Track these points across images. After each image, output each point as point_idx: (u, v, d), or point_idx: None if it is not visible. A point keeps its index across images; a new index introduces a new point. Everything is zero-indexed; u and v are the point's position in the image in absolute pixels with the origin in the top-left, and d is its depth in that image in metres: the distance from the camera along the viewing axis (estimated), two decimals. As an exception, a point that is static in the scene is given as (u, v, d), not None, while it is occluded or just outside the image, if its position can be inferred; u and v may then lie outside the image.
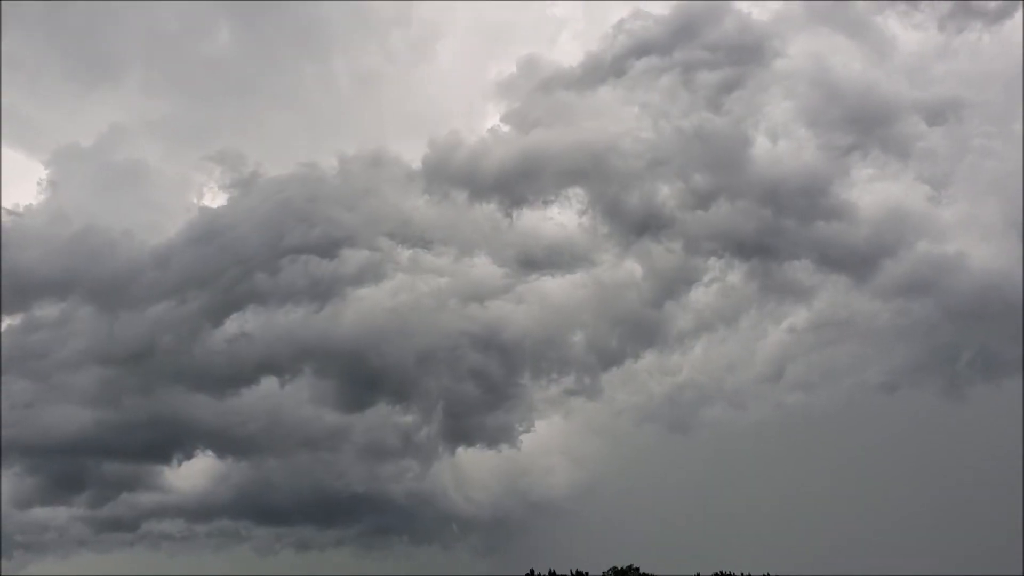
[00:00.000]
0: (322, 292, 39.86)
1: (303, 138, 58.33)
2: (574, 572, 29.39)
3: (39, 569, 36.65)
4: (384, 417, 38.21)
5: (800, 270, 43.21)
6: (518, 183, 46.02)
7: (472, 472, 39.50)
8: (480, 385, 39.69)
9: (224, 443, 37.17)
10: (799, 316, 43.72)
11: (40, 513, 36.47)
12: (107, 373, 37.01)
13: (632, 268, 43.60)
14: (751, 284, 43.87)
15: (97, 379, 36.86)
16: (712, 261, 43.92)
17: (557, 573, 28.51)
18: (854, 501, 39.98)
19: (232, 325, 38.29)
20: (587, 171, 45.70)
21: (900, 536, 38.19)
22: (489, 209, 45.47)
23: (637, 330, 42.01)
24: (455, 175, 47.10)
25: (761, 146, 45.10)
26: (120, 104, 57.81)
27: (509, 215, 44.58)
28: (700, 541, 38.69)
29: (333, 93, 58.60)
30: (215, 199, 46.85)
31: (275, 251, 41.06)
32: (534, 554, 38.31)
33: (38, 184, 46.47)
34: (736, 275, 43.90)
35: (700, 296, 43.95)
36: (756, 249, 43.71)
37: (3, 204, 44.14)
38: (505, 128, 49.15)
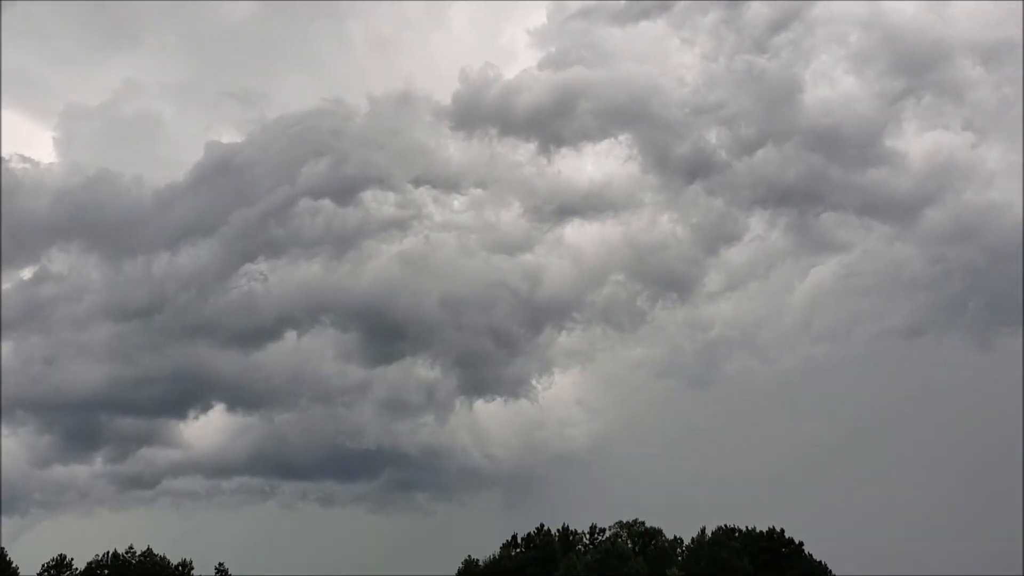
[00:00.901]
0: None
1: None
2: (590, 528, 28.68)
3: (54, 526, 34.63)
4: (404, 372, 36.88)
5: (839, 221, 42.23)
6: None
7: (490, 426, 38.45)
8: (500, 339, 38.38)
9: (240, 397, 35.69)
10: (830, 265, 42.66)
11: (59, 472, 34.67)
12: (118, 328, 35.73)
13: (671, 220, 41.68)
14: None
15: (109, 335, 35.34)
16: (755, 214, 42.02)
17: (569, 527, 27.81)
18: (868, 454, 39.26)
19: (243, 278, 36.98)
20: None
21: (913, 488, 37.52)
22: (527, 149, 42.66)
23: (670, 284, 40.64)
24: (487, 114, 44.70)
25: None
26: (136, 65, 55.99)
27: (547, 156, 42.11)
28: (710, 495, 37.78)
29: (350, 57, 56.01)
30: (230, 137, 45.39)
31: (291, 195, 40.53)
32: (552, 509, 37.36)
33: (52, 140, 44.96)
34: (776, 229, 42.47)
35: (736, 254, 42.85)
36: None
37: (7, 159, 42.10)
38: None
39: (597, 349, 41.22)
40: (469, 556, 28.46)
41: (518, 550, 28.10)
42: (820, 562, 27.09)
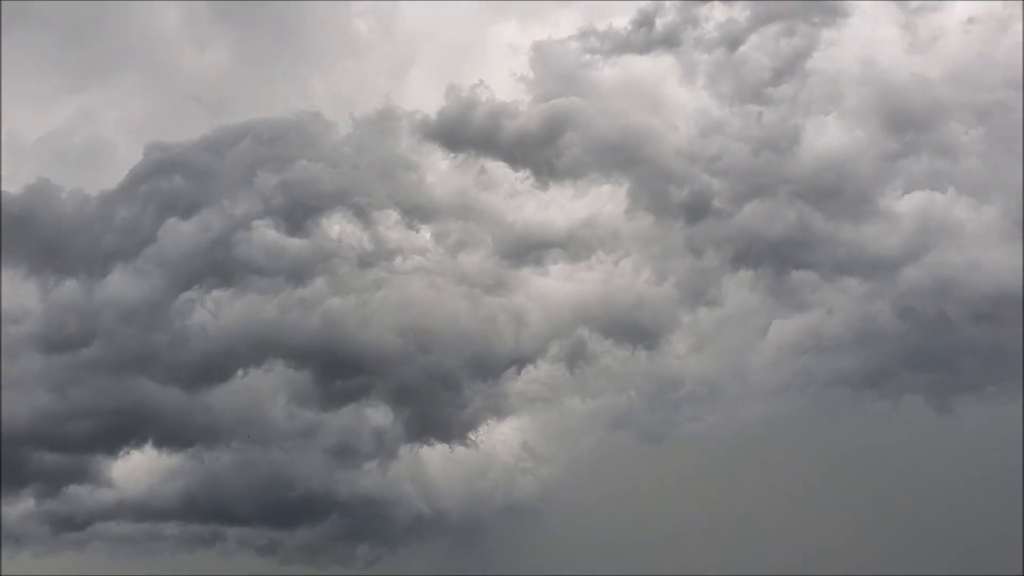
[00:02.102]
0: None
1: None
2: None
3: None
4: (352, 415, 37.27)
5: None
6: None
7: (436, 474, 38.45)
8: (451, 383, 38.76)
9: (171, 436, 36.01)
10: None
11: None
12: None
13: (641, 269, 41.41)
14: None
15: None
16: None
17: None
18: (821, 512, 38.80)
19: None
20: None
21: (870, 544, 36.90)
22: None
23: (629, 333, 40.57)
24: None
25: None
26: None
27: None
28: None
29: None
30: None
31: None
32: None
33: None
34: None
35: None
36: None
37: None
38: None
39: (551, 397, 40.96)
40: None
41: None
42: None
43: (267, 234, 38.20)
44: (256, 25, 49.62)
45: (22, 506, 34.55)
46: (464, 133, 40.57)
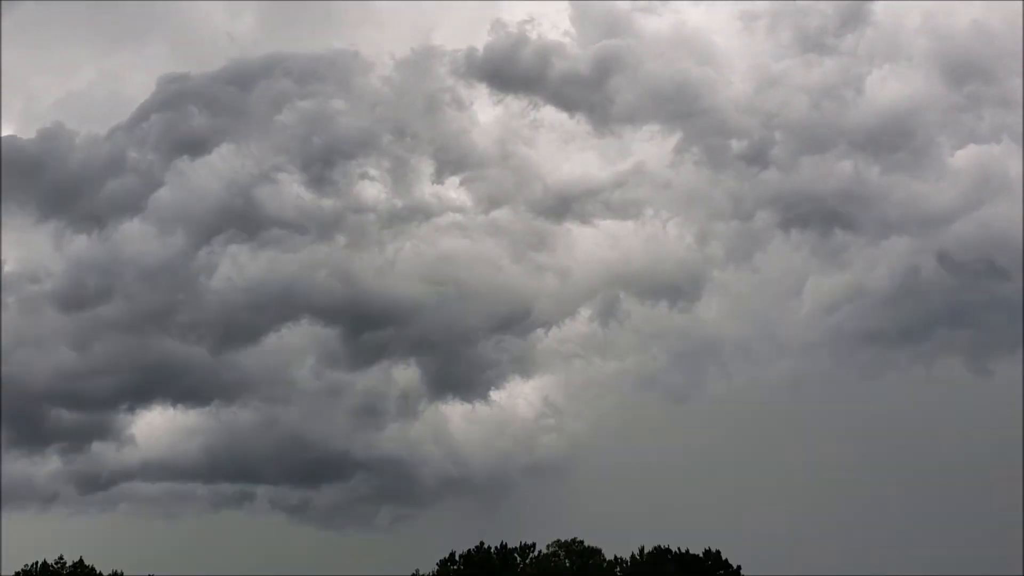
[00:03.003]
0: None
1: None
2: (522, 544, 28.93)
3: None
4: (373, 376, 36.47)
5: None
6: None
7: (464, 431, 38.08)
8: (478, 341, 37.90)
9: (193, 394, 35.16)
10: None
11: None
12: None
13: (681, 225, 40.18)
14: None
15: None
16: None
17: (507, 545, 28.18)
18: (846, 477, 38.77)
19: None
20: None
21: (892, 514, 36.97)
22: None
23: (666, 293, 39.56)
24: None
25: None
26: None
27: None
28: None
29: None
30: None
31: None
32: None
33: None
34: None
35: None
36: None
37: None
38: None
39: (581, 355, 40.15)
40: (417, 571, 28.76)
41: (455, 567, 28.38)
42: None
43: (291, 188, 36.67)
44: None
45: (50, 466, 33.76)
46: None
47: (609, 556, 27.78)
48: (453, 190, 38.69)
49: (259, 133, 38.73)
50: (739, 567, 26.79)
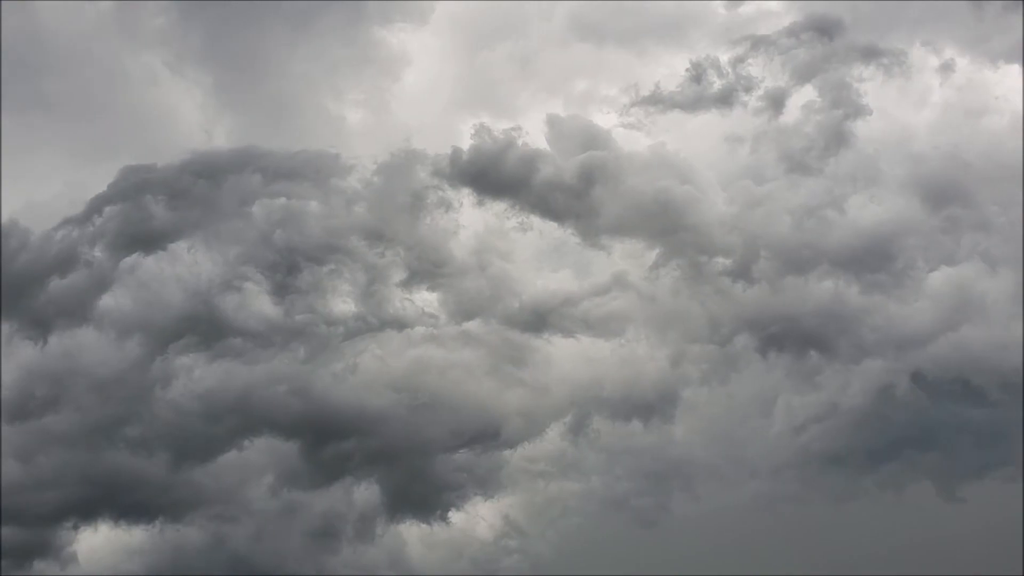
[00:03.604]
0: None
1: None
2: None
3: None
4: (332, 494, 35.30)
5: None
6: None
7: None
8: (438, 459, 36.91)
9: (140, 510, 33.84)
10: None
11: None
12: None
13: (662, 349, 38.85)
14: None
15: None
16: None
17: None
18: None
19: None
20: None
21: None
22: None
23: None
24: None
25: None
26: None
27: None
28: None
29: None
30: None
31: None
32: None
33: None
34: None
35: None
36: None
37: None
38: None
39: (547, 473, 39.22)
40: None
41: None
42: None
43: (256, 295, 35.61)
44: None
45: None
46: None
47: None
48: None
49: (224, 231, 37.73)
50: None
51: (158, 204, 37.69)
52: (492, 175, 38.18)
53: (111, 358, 34.18)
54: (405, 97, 44.73)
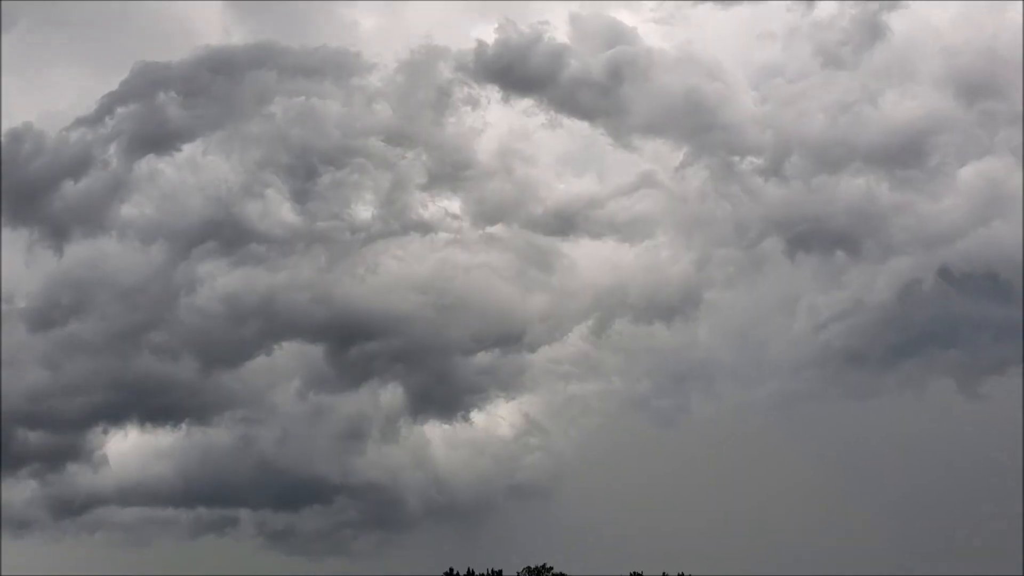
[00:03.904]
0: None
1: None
2: (490, 571, 28.71)
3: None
4: (358, 396, 35.52)
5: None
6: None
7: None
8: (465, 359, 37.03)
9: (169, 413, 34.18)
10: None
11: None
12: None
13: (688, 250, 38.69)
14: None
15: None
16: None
17: (475, 572, 27.97)
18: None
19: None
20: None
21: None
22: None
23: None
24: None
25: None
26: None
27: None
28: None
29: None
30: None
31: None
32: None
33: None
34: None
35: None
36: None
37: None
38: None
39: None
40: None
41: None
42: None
43: (277, 201, 35.14)
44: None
45: (23, 490, 32.84)
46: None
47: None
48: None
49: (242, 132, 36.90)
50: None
51: (173, 103, 36.50)
52: (518, 70, 37.02)
53: (134, 265, 33.91)
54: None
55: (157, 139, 36.31)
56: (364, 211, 36.51)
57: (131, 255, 34.04)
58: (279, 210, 35.66)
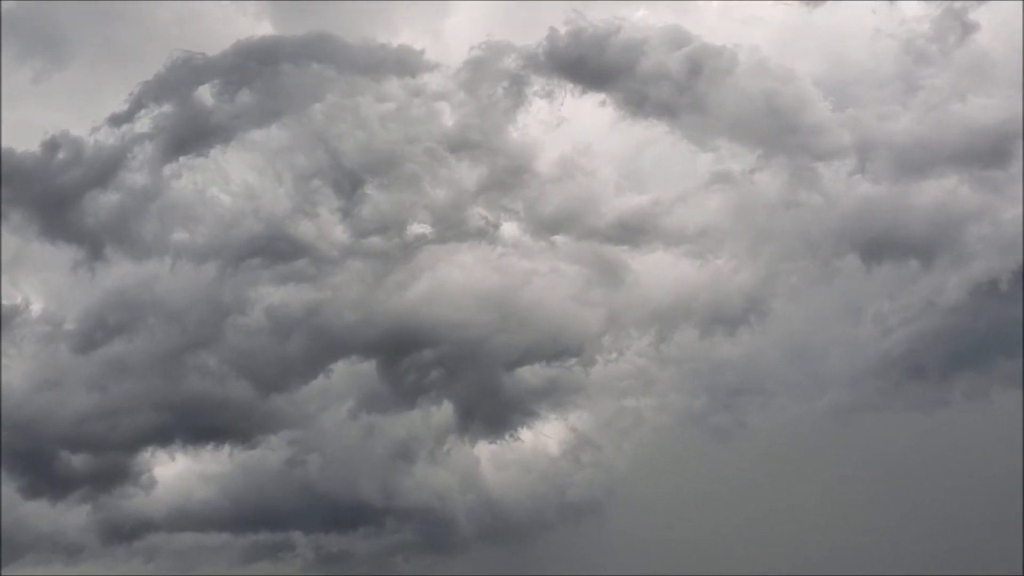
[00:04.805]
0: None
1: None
2: None
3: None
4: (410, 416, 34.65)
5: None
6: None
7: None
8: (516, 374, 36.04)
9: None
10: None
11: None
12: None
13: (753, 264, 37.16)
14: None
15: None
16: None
17: None
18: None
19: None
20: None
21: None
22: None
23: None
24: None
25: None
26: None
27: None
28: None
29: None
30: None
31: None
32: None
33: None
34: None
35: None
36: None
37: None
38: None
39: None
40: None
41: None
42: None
43: (328, 211, 33.57)
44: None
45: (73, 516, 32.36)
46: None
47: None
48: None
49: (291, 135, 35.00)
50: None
51: (211, 100, 34.46)
52: (591, 64, 34.76)
53: (180, 284, 32.70)
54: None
55: (194, 140, 34.35)
56: (419, 219, 34.88)
57: (177, 273, 32.79)
58: (328, 221, 34.08)
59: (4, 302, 32.72)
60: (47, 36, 38.46)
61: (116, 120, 34.46)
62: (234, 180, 34.23)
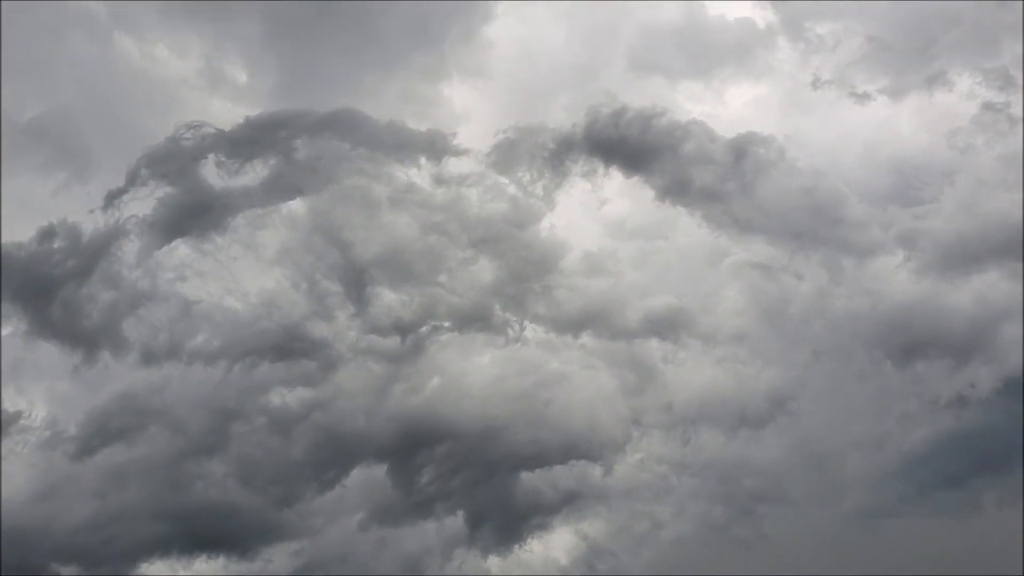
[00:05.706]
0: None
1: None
2: None
3: None
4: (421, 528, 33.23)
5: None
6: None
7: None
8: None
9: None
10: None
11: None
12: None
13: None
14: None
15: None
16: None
17: None
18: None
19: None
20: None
21: None
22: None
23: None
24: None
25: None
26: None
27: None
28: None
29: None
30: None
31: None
32: None
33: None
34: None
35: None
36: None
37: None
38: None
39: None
40: None
41: None
42: None
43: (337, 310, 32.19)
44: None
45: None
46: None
47: None
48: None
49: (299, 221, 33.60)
50: None
51: (213, 179, 33.01)
52: (630, 146, 33.77)
53: (188, 388, 31.07)
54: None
55: (193, 223, 32.78)
56: (437, 315, 33.53)
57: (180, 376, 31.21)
58: (338, 319, 32.69)
59: (6, 407, 31.12)
60: (70, 147, 36.94)
61: (112, 196, 32.64)
62: (243, 273, 32.96)
